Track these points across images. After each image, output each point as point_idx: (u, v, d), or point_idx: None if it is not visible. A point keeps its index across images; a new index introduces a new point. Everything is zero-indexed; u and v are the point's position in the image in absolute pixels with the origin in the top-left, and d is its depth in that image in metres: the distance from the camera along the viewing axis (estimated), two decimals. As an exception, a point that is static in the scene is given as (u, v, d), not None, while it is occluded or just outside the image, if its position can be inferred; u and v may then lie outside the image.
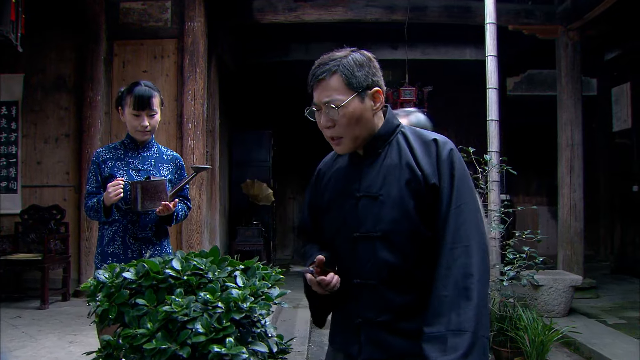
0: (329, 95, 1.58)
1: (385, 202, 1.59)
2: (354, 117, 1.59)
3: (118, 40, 6.36)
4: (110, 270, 1.23)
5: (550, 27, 6.87)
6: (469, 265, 1.47)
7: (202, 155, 6.18)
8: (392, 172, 1.61)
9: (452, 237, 1.51)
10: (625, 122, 8.49)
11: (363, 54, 1.63)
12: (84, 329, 4.84)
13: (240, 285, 1.19)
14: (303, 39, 8.90)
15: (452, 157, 1.58)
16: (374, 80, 1.62)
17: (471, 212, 1.54)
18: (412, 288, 1.57)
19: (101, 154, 2.64)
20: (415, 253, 1.57)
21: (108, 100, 6.30)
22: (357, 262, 1.62)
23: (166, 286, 1.17)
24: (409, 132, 1.69)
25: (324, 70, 1.58)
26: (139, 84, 2.62)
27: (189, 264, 1.20)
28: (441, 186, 1.55)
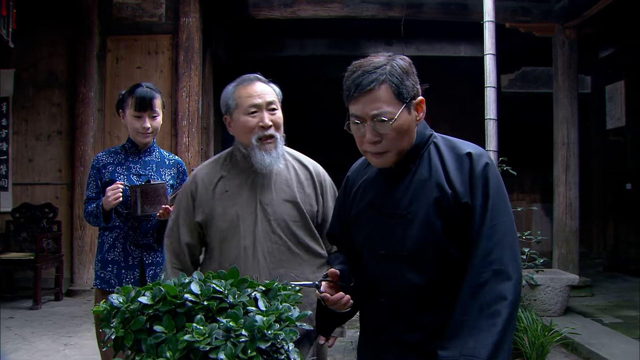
0: (378, 107, 1.44)
1: (413, 220, 1.51)
2: (403, 130, 1.48)
3: (111, 36, 6.27)
4: (124, 294, 1.17)
5: (547, 25, 6.84)
6: (497, 292, 1.38)
7: (197, 152, 6.11)
8: (422, 188, 1.52)
9: (482, 260, 1.41)
10: (619, 119, 8.50)
11: (404, 59, 1.51)
12: (79, 330, 4.78)
13: (263, 309, 1.13)
14: (297, 35, 8.83)
15: (486, 173, 1.48)
16: (418, 88, 1.51)
17: (506, 234, 1.44)
18: (443, 309, 1.48)
19: (101, 158, 2.58)
20: (444, 275, 1.49)
21: (101, 97, 6.21)
22: (383, 281, 1.56)
23: (184, 311, 1.12)
24: (441, 144, 1.58)
25: (371, 80, 1.43)
26: (140, 86, 2.56)
27: (208, 287, 1.14)
28: (474, 204, 1.46)
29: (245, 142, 1.97)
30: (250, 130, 1.94)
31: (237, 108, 1.96)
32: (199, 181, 2.01)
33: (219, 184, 1.99)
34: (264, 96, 1.95)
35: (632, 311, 5.85)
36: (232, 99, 1.97)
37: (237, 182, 1.99)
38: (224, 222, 1.95)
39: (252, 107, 1.93)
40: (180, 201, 2.03)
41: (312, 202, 2.03)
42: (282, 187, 2.00)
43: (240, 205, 1.96)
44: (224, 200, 1.97)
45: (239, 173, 2.00)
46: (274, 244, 1.94)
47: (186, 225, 1.99)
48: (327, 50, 9.13)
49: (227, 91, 2.00)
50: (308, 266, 1.98)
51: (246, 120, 1.94)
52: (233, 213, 1.95)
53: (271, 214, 1.96)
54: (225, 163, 2.04)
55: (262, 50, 8.87)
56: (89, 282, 6.12)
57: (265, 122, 1.93)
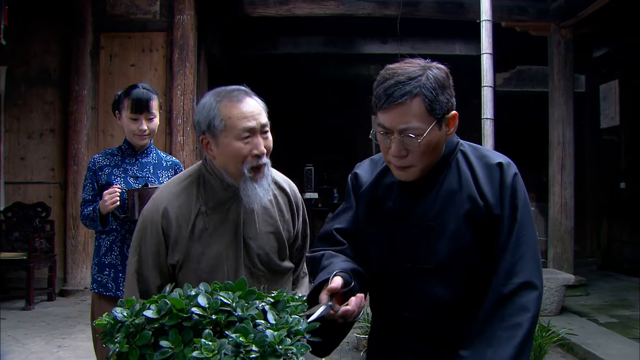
0: (407, 122, 1.36)
1: (442, 233, 1.45)
2: (431, 146, 1.40)
3: (105, 33, 6.21)
4: (128, 307, 1.13)
5: (543, 25, 6.84)
6: (523, 302, 1.36)
7: (192, 151, 6.07)
8: (452, 200, 1.46)
9: (507, 272, 1.39)
10: (613, 119, 8.52)
11: (441, 69, 1.42)
12: (72, 331, 4.73)
13: (272, 322, 1.10)
14: (292, 33, 8.78)
15: (515, 184, 1.44)
16: (453, 102, 1.43)
17: (530, 246, 1.41)
18: (468, 323, 1.44)
19: (97, 160, 2.53)
20: (471, 288, 1.46)
21: (95, 95, 6.15)
22: (406, 295, 1.50)
23: (191, 325, 1.08)
24: (469, 152, 1.52)
25: (404, 92, 1.35)
26: (136, 87, 2.51)
27: (215, 300, 1.10)
28: (502, 216, 1.42)
29: (232, 171, 1.69)
30: (243, 159, 1.66)
31: (225, 130, 1.64)
32: (172, 217, 1.69)
33: (197, 222, 1.71)
34: (258, 118, 1.67)
35: (627, 311, 5.87)
36: (218, 117, 1.64)
37: (218, 217, 1.72)
38: (205, 264, 1.70)
39: (246, 131, 1.64)
40: (146, 239, 1.70)
41: (290, 228, 1.88)
42: (265, 219, 1.79)
43: (223, 244, 1.72)
44: (203, 239, 1.70)
45: (218, 205, 1.73)
46: (254, 278, 1.75)
47: (157, 269, 1.70)
48: (321, 48, 9.09)
49: (209, 106, 1.67)
50: (278, 284, 1.82)
51: (239, 148, 1.65)
52: (215, 253, 1.71)
53: (254, 248, 1.75)
54: (200, 193, 1.74)
55: (256, 48, 8.82)
56: (82, 282, 6.06)
57: (260, 149, 1.67)
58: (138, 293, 1.68)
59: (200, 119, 1.69)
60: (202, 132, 1.70)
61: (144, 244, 1.71)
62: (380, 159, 1.64)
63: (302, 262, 1.99)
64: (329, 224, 1.69)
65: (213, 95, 1.69)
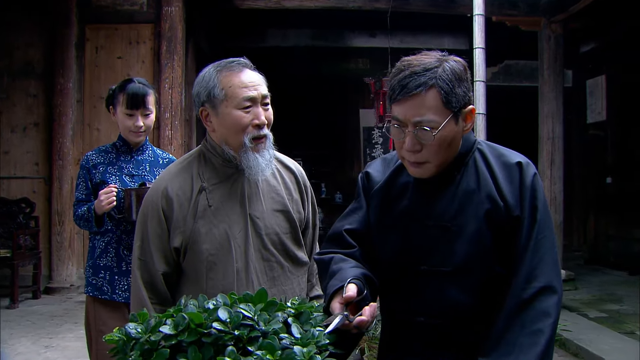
0: (422, 114, 1.31)
1: (460, 234, 1.40)
2: (447, 141, 1.35)
3: (90, 24, 6.06)
4: (142, 321, 1.06)
5: (533, 19, 6.82)
6: (544, 307, 1.32)
7: (180, 146, 5.96)
8: (470, 200, 1.41)
9: (527, 275, 1.34)
10: (600, 114, 8.57)
11: (458, 62, 1.37)
12: (60, 331, 4.62)
13: (297, 336, 1.04)
14: (280, 25, 8.69)
15: (535, 184, 1.39)
16: (470, 96, 1.38)
17: (550, 248, 1.37)
18: (483, 327, 1.40)
19: (91, 158, 2.43)
20: (490, 292, 1.40)
21: (80, 88, 6.02)
22: (422, 299, 1.44)
23: (211, 341, 1.01)
24: (487, 151, 1.47)
25: (419, 83, 1.30)
26: (132, 81, 2.41)
27: (237, 314, 1.04)
28: (522, 217, 1.37)
29: (233, 142, 1.65)
30: (243, 128, 1.62)
31: (226, 100, 1.61)
32: (172, 196, 1.64)
33: (200, 198, 1.64)
34: (259, 88, 1.64)
35: (616, 305, 5.92)
36: (218, 87, 1.62)
37: (221, 194, 1.67)
38: (211, 244, 1.62)
39: (247, 100, 1.61)
40: (147, 222, 1.65)
41: (300, 209, 1.81)
42: (272, 196, 1.73)
43: (229, 221, 1.65)
44: (207, 217, 1.63)
45: (220, 181, 1.68)
46: (266, 262, 1.68)
47: (160, 252, 1.63)
48: (310, 41, 9.01)
49: (208, 76, 1.64)
50: (295, 278, 1.77)
51: (239, 116, 1.62)
52: (221, 232, 1.63)
53: (262, 228, 1.68)
54: (200, 169, 1.69)
55: (244, 41, 8.70)
56: (68, 279, 5.94)
57: (261, 119, 1.64)
58: (142, 285, 1.63)
59: (199, 89, 1.66)
60: (201, 104, 1.67)
61: (146, 229, 1.65)
62: (393, 157, 1.59)
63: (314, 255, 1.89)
64: (338, 224, 1.61)
65: (213, 66, 1.67)
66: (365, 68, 9.73)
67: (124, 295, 2.31)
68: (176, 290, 1.68)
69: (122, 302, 2.32)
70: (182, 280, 1.68)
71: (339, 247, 1.56)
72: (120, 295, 2.32)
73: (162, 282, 1.64)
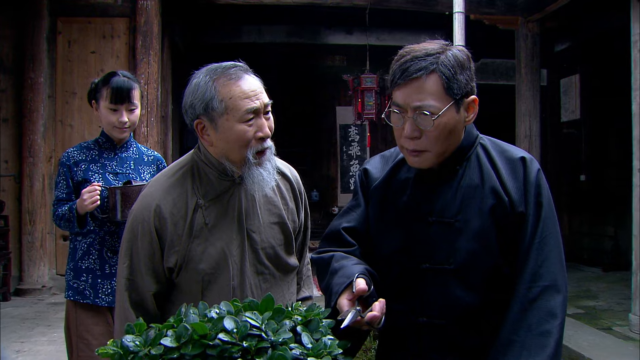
0: (422, 99, 1.29)
1: (463, 230, 1.36)
2: (447, 129, 1.32)
3: (62, 17, 5.88)
4: (139, 333, 0.99)
5: (511, 18, 6.87)
6: (550, 307, 1.29)
7: (156, 143, 5.82)
8: (473, 195, 1.37)
9: (532, 274, 1.31)
10: (574, 112, 8.69)
11: (462, 51, 1.36)
12: (32, 334, 4.46)
13: (309, 346, 0.98)
14: (255, 22, 8.58)
15: (539, 181, 1.37)
16: (473, 86, 1.36)
17: (555, 246, 1.35)
18: (487, 328, 1.37)
19: (72, 155, 2.32)
20: (494, 291, 1.37)
21: (52, 83, 5.83)
22: (424, 298, 1.40)
23: (217, 353, 0.94)
24: (490, 145, 1.45)
25: (420, 67, 1.28)
26: (116, 75, 2.30)
27: (244, 324, 0.97)
28: (527, 214, 1.34)
29: (234, 157, 1.53)
30: (247, 143, 1.50)
31: (226, 112, 1.48)
32: (165, 215, 1.52)
33: (196, 217, 1.53)
34: (261, 97, 1.52)
35: (592, 301, 6.00)
36: (217, 98, 1.48)
37: (217, 210, 1.56)
38: (208, 263, 1.53)
39: (249, 112, 1.49)
40: (137, 241, 1.52)
41: (295, 217, 1.72)
42: (268, 208, 1.64)
43: (226, 239, 1.55)
44: (204, 236, 1.53)
45: (217, 196, 1.57)
46: (260, 275, 1.61)
47: (151, 272, 1.52)
48: (286, 38, 8.92)
49: (204, 86, 1.50)
50: (285, 284, 1.70)
51: (242, 130, 1.49)
52: (218, 251, 1.54)
53: (258, 242, 1.60)
54: (195, 184, 1.57)
55: (219, 36, 8.59)
56: (40, 280, 5.76)
57: (265, 131, 1.53)
58: (130, 306, 1.52)
59: (194, 101, 1.51)
60: (196, 117, 1.53)
61: (136, 248, 1.53)
62: (392, 154, 1.56)
63: (304, 257, 1.84)
64: (336, 222, 1.57)
65: (206, 73, 1.52)
66: (342, 65, 9.69)
67: (107, 299, 2.22)
68: (169, 306, 1.58)
69: (105, 307, 2.22)
70: (175, 296, 1.58)
71: (337, 245, 1.52)
72: (104, 300, 2.22)
73: (153, 302, 1.54)
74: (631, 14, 4.87)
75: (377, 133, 9.59)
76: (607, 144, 8.31)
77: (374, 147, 9.73)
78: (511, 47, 7.03)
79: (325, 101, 9.69)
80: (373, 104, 7.13)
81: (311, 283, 1.91)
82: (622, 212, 7.80)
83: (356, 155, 9.79)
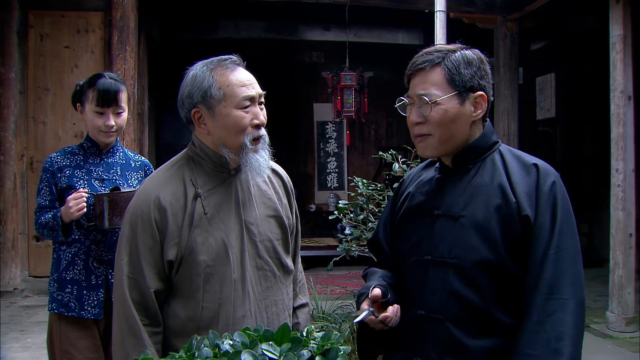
0: (426, 88, 1.41)
1: (467, 225, 1.39)
2: (448, 117, 1.40)
3: (34, 10, 5.68)
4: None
5: (490, 17, 6.90)
6: (563, 324, 1.28)
7: (133, 141, 5.67)
8: (481, 192, 1.41)
9: (549, 287, 1.30)
10: (549, 111, 8.79)
11: (475, 52, 1.46)
12: (5, 340, 4.31)
13: (330, 378, 0.92)
14: (232, 16, 8.46)
15: (555, 190, 1.37)
16: (481, 83, 1.43)
17: (573, 260, 1.34)
18: (489, 332, 1.36)
19: (56, 160, 2.21)
20: (496, 290, 1.36)
21: (23, 78, 5.64)
22: (424, 291, 1.43)
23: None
24: (506, 152, 1.49)
25: (427, 60, 1.42)
26: (102, 76, 2.20)
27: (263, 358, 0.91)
28: (539, 223, 1.34)
29: (232, 144, 1.56)
30: (244, 129, 1.55)
31: (224, 99, 1.53)
32: (165, 205, 1.52)
33: (195, 207, 1.54)
34: (256, 87, 1.59)
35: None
36: (215, 86, 1.53)
37: (215, 200, 1.57)
38: (208, 254, 1.52)
39: (246, 100, 1.54)
40: (137, 235, 1.51)
41: (288, 214, 1.75)
42: (264, 201, 1.67)
43: (225, 229, 1.56)
44: (203, 226, 1.54)
45: (214, 187, 1.59)
46: (260, 271, 1.62)
47: (152, 267, 1.50)
48: (263, 33, 8.82)
49: (201, 76, 1.55)
50: (284, 287, 1.70)
51: (240, 117, 1.54)
52: (218, 241, 1.54)
53: (257, 235, 1.61)
54: (192, 174, 1.59)
55: (196, 32, 8.45)
56: (12, 282, 5.58)
57: (261, 119, 1.58)
58: (131, 305, 1.48)
59: (192, 90, 1.56)
60: (193, 106, 1.57)
61: (135, 243, 1.51)
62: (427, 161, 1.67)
63: (297, 263, 1.84)
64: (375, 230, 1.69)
65: (203, 65, 1.59)
66: (319, 62, 9.63)
67: (94, 312, 2.12)
68: (165, 308, 1.56)
69: (91, 320, 2.13)
70: (173, 296, 1.56)
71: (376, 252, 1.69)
72: (90, 312, 2.12)
73: (154, 301, 1.51)
74: (610, 15, 4.91)
75: (356, 131, 9.57)
76: (582, 143, 8.44)
77: (353, 145, 9.71)
78: (488, 45, 7.06)
79: (302, 97, 9.62)
80: (352, 102, 7.09)
81: (306, 290, 1.91)
82: (596, 210, 7.94)
83: (333, 152, 9.76)
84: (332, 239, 7.95)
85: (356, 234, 3.90)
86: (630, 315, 4.74)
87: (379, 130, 9.89)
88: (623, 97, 4.76)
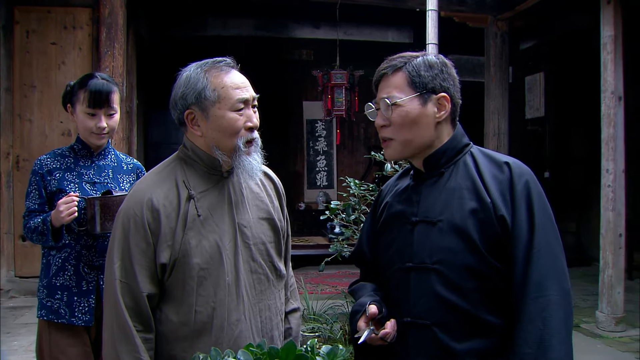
0: (389, 92, 1.45)
1: (446, 229, 1.39)
2: (409, 118, 1.43)
3: (19, 6, 5.58)
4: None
5: (480, 16, 6.89)
6: (553, 320, 1.29)
7: (122, 140, 5.58)
8: (456, 195, 1.42)
9: (537, 285, 1.31)
10: (538, 110, 8.83)
11: (438, 57, 1.49)
12: (-9, 343, 4.22)
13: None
14: (220, 13, 8.39)
15: (529, 187, 1.37)
16: (443, 85, 1.45)
17: (555, 255, 1.35)
18: (476, 333, 1.36)
19: (45, 162, 2.15)
20: (480, 291, 1.37)
21: (9, 75, 5.54)
22: (408, 298, 1.43)
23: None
24: (477, 153, 1.49)
25: (390, 65, 1.47)
26: (94, 77, 2.14)
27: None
28: (516, 222, 1.34)
29: (225, 146, 1.55)
30: (237, 131, 1.54)
31: (219, 101, 1.52)
32: (158, 207, 1.49)
33: (189, 208, 1.52)
34: (249, 89, 1.58)
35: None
36: (210, 87, 1.52)
37: (209, 202, 1.56)
38: (202, 257, 1.50)
39: (240, 102, 1.54)
40: (129, 238, 1.48)
41: (280, 217, 1.73)
42: (256, 203, 1.66)
43: (219, 231, 1.54)
44: (196, 228, 1.52)
45: (207, 189, 1.58)
46: (254, 274, 1.60)
47: (145, 271, 1.47)
48: (253, 31, 8.76)
49: (195, 77, 1.54)
50: (277, 292, 1.68)
51: (234, 119, 1.53)
52: (212, 244, 1.52)
53: (250, 237, 1.60)
54: (184, 176, 1.57)
55: (185, 29, 8.37)
56: (-4, 283, 5.49)
57: (254, 122, 1.58)
58: (124, 310, 1.44)
59: (185, 91, 1.55)
60: (186, 107, 1.56)
61: (127, 246, 1.48)
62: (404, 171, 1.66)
63: (288, 268, 1.82)
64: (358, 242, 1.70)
65: (197, 66, 1.58)
66: (309, 60, 9.58)
67: (84, 319, 2.07)
68: (157, 313, 1.52)
69: (81, 327, 2.08)
70: (165, 301, 1.52)
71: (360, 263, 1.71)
72: (80, 319, 2.07)
73: (147, 306, 1.48)
74: (601, 15, 4.92)
75: (346, 129, 9.54)
76: (571, 142, 8.49)
77: (343, 144, 9.68)
78: (479, 44, 7.07)
79: (292, 96, 9.57)
80: (343, 100, 7.06)
81: (297, 294, 1.89)
82: (584, 209, 7.99)
83: (323, 150, 9.73)
84: (322, 238, 7.93)
85: (347, 234, 3.88)
86: (619, 314, 4.77)
87: (368, 129, 9.87)
88: (614, 98, 4.78)
